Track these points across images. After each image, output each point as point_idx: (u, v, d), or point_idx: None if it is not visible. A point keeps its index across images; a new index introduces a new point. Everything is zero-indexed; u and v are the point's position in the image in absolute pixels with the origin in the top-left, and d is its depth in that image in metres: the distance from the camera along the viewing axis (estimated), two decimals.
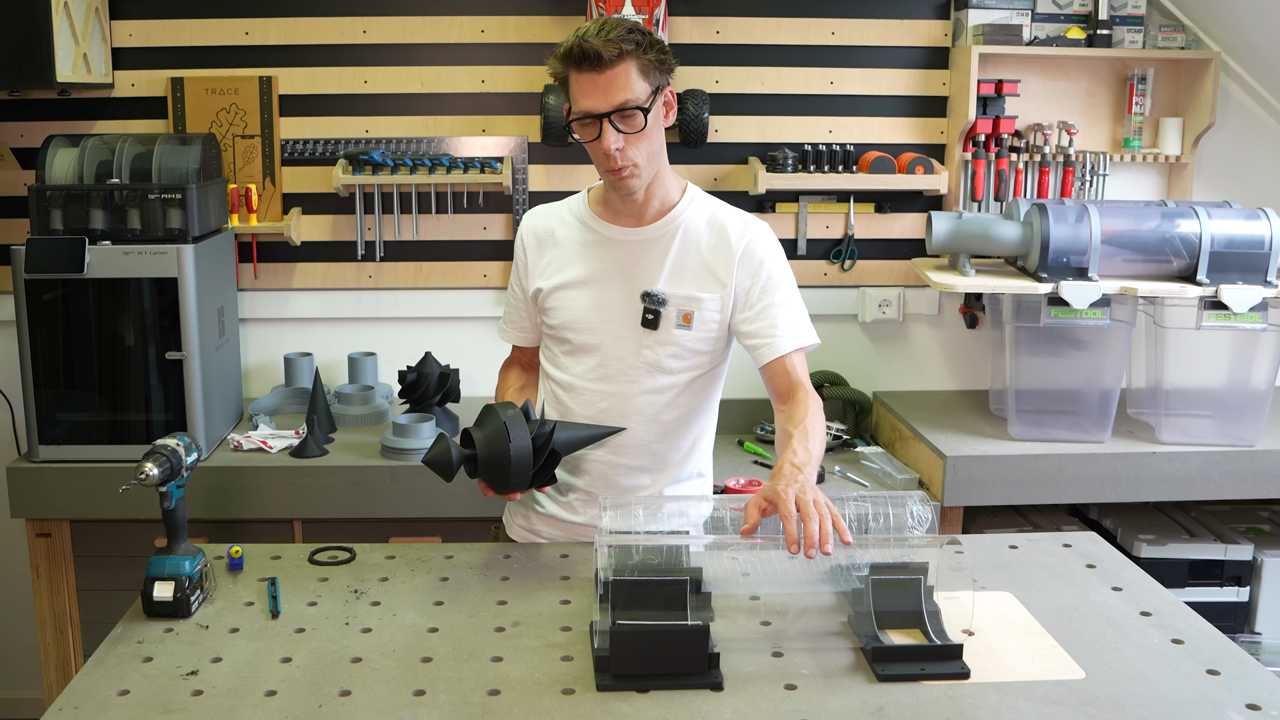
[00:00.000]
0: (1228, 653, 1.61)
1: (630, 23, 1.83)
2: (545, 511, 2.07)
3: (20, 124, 3.05)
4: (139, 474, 1.68)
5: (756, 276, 1.95)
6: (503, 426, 1.79)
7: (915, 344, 3.31)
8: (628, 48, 1.79)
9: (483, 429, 1.83)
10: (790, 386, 1.92)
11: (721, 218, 1.98)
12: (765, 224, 1.99)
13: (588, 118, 1.83)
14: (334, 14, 3.05)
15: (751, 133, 3.15)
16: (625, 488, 2.01)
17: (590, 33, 1.79)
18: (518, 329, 2.13)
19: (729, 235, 1.95)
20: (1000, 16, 3.04)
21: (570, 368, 2.00)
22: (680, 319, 1.94)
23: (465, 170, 3.01)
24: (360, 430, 2.96)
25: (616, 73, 1.80)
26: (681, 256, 1.95)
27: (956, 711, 1.45)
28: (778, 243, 2.00)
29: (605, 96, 1.81)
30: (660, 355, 1.95)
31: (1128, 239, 2.76)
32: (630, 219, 1.97)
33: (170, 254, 2.62)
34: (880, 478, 2.84)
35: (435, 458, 1.81)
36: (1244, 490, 2.75)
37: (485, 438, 1.81)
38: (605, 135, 1.83)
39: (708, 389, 2.03)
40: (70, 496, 2.67)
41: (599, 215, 1.99)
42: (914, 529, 1.67)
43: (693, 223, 1.96)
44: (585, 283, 1.97)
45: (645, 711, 1.45)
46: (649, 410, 1.97)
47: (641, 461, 2.01)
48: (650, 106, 1.84)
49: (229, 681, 1.52)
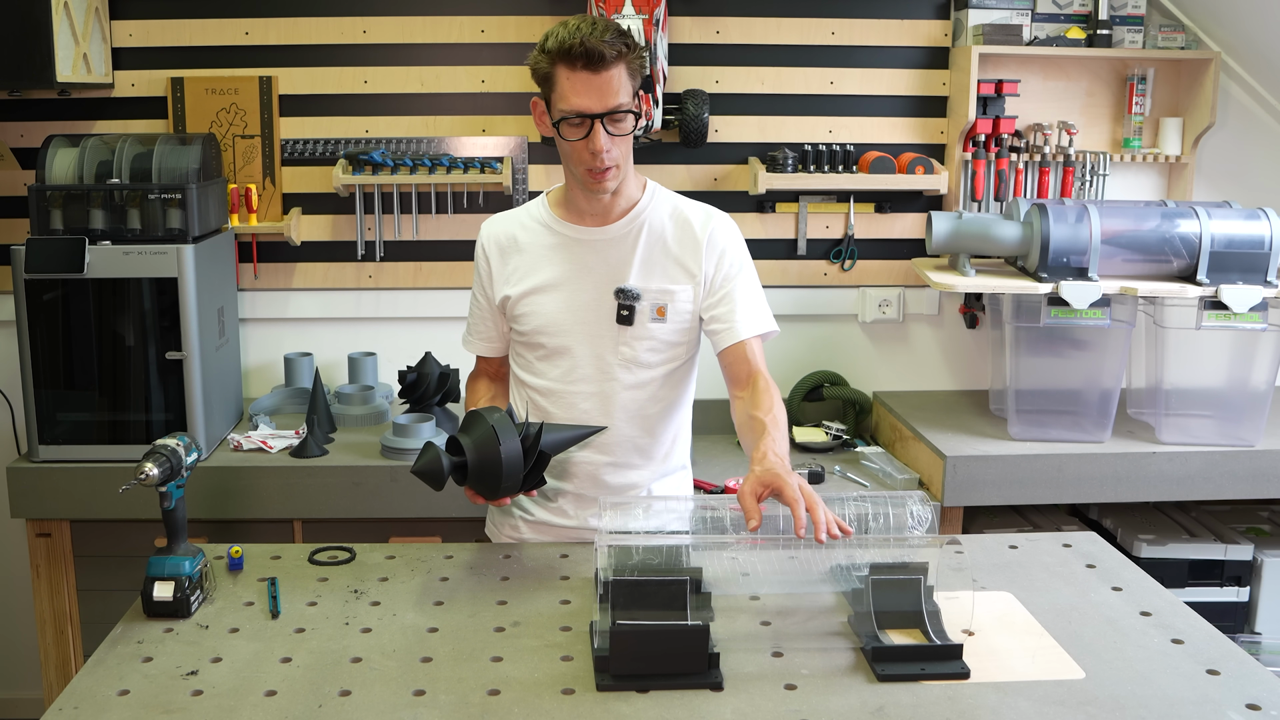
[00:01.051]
0: (1228, 653, 1.61)
1: (615, 24, 1.84)
2: (535, 519, 2.06)
3: (20, 124, 3.05)
4: (139, 474, 1.68)
5: (720, 265, 1.97)
6: (491, 430, 1.78)
7: (915, 344, 3.31)
8: (622, 49, 1.80)
9: (470, 435, 1.81)
10: (749, 373, 1.92)
11: (684, 210, 2.00)
12: (726, 215, 2.01)
13: (580, 117, 1.82)
14: (334, 14, 3.05)
15: (751, 133, 3.15)
16: (615, 486, 2.02)
17: (588, 32, 1.79)
18: (484, 339, 2.10)
19: (693, 226, 1.97)
20: (1000, 16, 3.04)
21: (547, 372, 2.00)
22: (654, 313, 1.95)
23: (465, 170, 3.01)
24: (360, 430, 2.96)
25: (612, 74, 1.81)
26: (650, 251, 1.96)
27: (956, 711, 1.45)
28: (739, 232, 2.02)
29: (600, 97, 1.81)
30: (638, 350, 1.96)
31: (1128, 239, 2.76)
32: (595, 219, 1.97)
33: (170, 254, 2.62)
34: (880, 478, 2.84)
35: (425, 467, 1.78)
36: (1244, 490, 2.75)
37: (474, 443, 1.79)
38: (596, 136, 1.82)
39: (685, 379, 2.05)
40: (70, 496, 2.67)
41: (562, 217, 1.99)
42: (914, 529, 1.67)
43: (656, 217, 1.98)
44: (555, 286, 1.97)
45: (645, 711, 1.45)
46: (633, 406, 1.98)
47: (629, 458, 2.01)
48: (638, 110, 1.87)
49: (229, 681, 1.52)
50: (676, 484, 2.10)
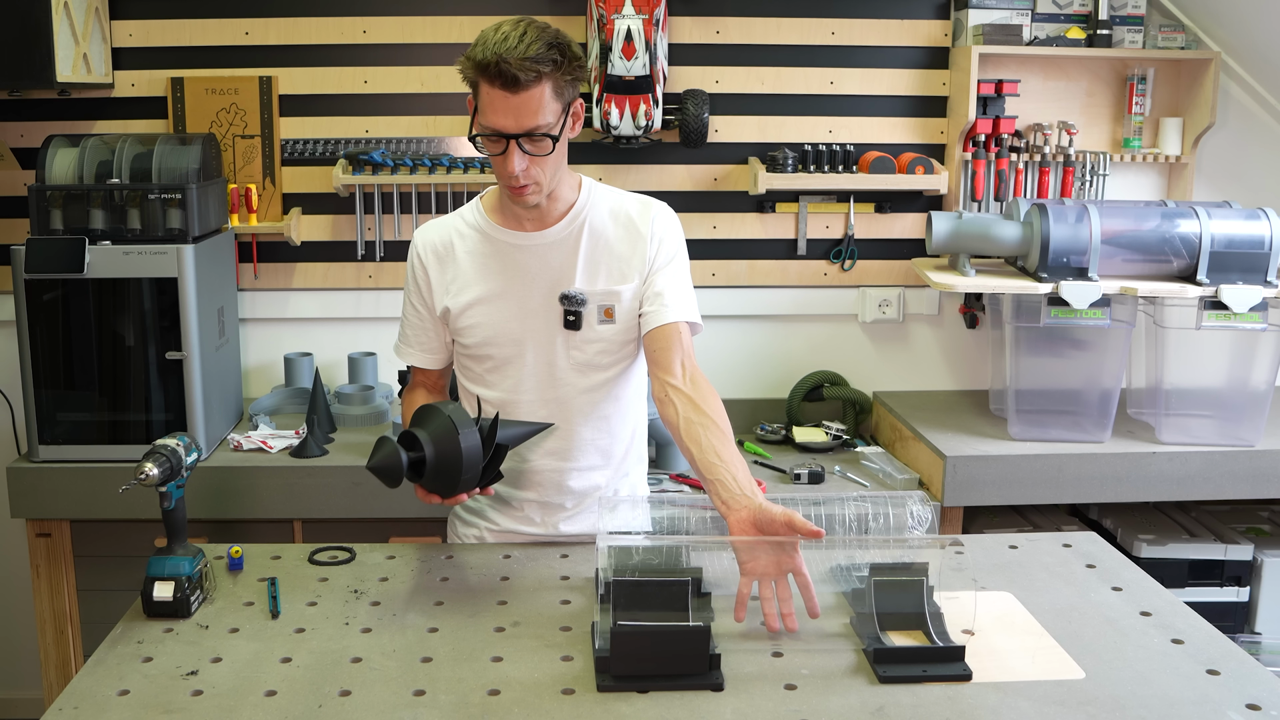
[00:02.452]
0: (1228, 653, 1.61)
1: (551, 33, 1.75)
2: (500, 528, 2.03)
3: (20, 124, 3.05)
4: (139, 474, 1.68)
5: (660, 252, 1.93)
6: (449, 423, 1.70)
7: (915, 344, 3.31)
8: (544, 69, 1.72)
9: (427, 428, 1.72)
10: (672, 360, 1.86)
11: (624, 205, 1.94)
12: (665, 204, 1.97)
13: (495, 135, 1.77)
14: (334, 14, 3.05)
15: (751, 133, 3.15)
16: (579, 490, 1.99)
17: (510, 47, 1.70)
18: (425, 350, 2.02)
19: (635, 222, 1.93)
20: (1000, 16, 3.04)
21: (499, 384, 1.95)
22: (602, 314, 1.91)
23: (465, 170, 3.01)
24: (360, 430, 2.96)
25: (530, 95, 1.73)
26: (592, 252, 1.91)
27: (956, 711, 1.45)
28: (678, 223, 1.98)
29: (516, 119, 1.74)
30: (589, 354, 1.93)
31: (1128, 239, 2.76)
32: (533, 223, 1.91)
33: (170, 254, 2.62)
34: (880, 478, 2.84)
35: (381, 463, 1.69)
36: (1244, 490, 2.75)
37: (432, 437, 1.71)
38: (511, 157, 1.76)
39: (638, 374, 2.02)
40: (70, 496, 2.67)
41: (499, 223, 1.93)
42: (914, 529, 1.67)
43: (596, 217, 1.93)
44: (497, 296, 1.92)
45: (645, 712, 1.45)
46: (589, 409, 1.96)
47: (591, 460, 1.99)
48: (559, 133, 1.79)
49: (229, 681, 1.52)
50: (638, 479, 2.09)
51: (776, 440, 3.09)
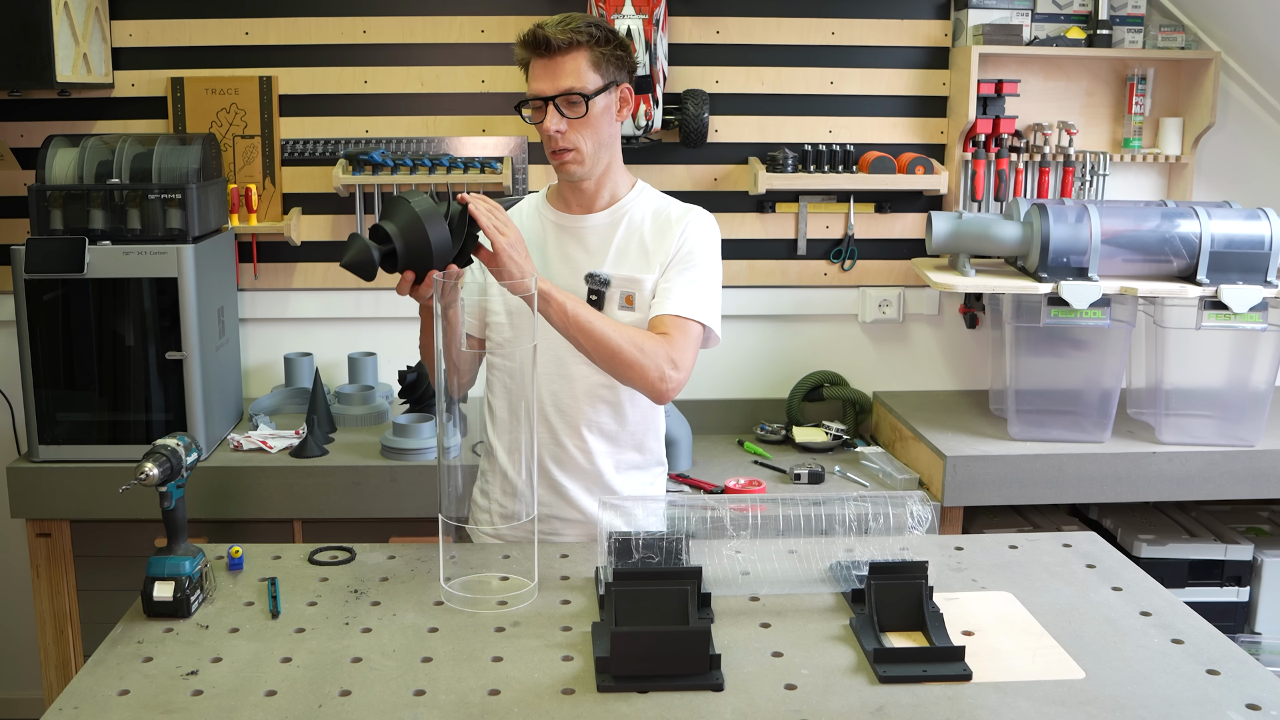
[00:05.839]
0: (1228, 653, 1.60)
1: (596, 19, 1.93)
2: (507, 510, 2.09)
3: (20, 124, 3.05)
4: (139, 474, 1.68)
5: (680, 250, 1.99)
6: (414, 213, 1.72)
7: (915, 344, 3.31)
8: (581, 39, 1.88)
9: (395, 220, 1.74)
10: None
11: (668, 208, 2.04)
12: (709, 215, 2.04)
13: (535, 99, 1.92)
14: (334, 14, 3.05)
15: (751, 133, 3.15)
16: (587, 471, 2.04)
17: (552, 22, 1.89)
18: (467, 313, 2.11)
19: (671, 221, 2.01)
20: (1000, 16, 3.04)
21: (514, 354, 2.04)
22: (623, 300, 1.99)
23: (465, 170, 3.01)
24: (360, 430, 2.96)
25: (566, 59, 1.89)
26: (625, 241, 2.01)
27: (956, 711, 1.45)
28: (715, 232, 2.04)
29: (552, 80, 1.90)
30: None
31: (1128, 239, 2.76)
32: (580, 207, 2.03)
33: (170, 254, 2.62)
34: (880, 478, 2.84)
35: (354, 258, 1.71)
36: (1244, 490, 2.75)
37: (400, 229, 1.72)
38: (548, 117, 1.91)
39: None
40: (70, 496, 2.67)
41: (553, 205, 2.07)
42: (914, 529, 1.67)
43: (638, 212, 2.03)
44: None
45: (645, 712, 1.45)
46: (599, 390, 2.01)
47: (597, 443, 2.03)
48: (594, 95, 1.90)
49: (229, 681, 1.52)
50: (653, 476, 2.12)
51: (776, 440, 3.09)
